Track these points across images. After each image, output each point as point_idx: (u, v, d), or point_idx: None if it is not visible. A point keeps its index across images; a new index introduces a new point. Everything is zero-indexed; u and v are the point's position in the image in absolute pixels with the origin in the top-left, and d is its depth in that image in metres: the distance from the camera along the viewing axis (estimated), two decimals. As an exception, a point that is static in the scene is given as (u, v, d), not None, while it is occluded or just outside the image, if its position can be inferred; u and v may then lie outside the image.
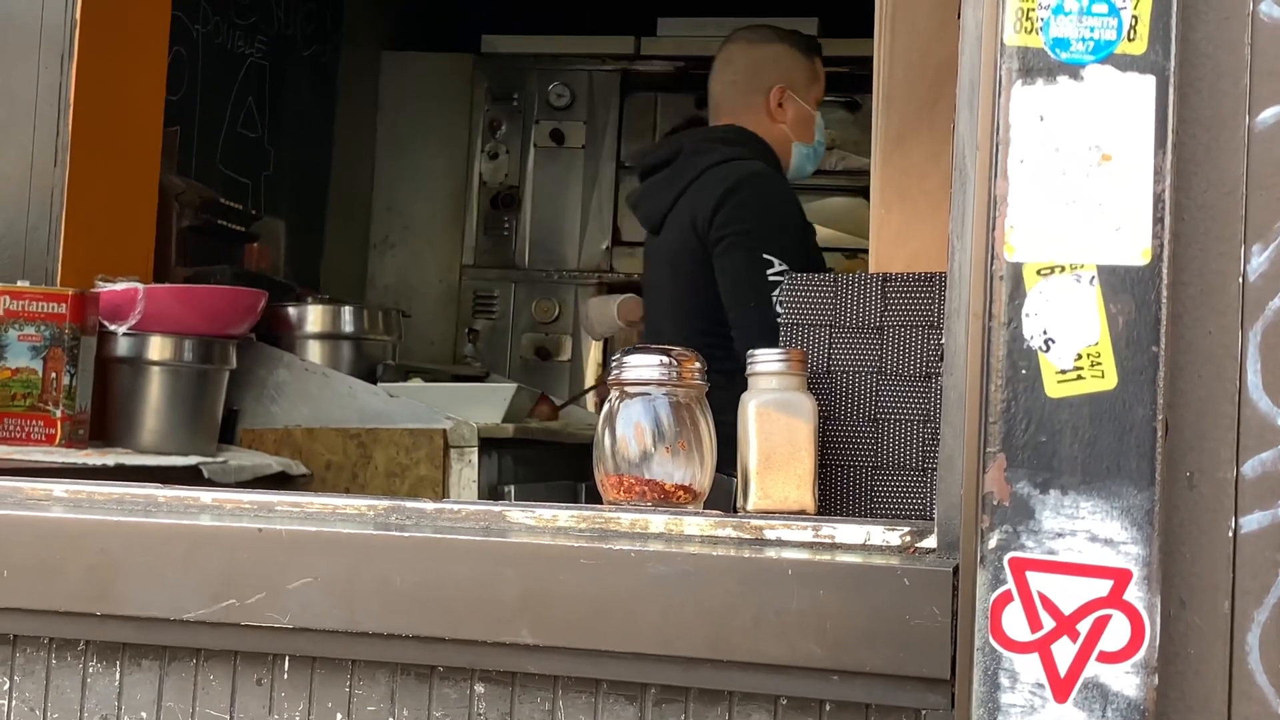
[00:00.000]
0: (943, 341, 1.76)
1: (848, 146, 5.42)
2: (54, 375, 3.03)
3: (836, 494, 1.89)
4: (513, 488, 3.72)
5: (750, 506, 1.81)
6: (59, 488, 1.73)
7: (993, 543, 1.32)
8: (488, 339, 5.46)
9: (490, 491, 3.60)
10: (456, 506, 1.69)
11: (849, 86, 5.32)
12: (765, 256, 3.05)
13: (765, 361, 1.83)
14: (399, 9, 5.80)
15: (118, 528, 1.60)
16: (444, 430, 3.47)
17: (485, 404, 3.78)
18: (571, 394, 4.99)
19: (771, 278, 3.01)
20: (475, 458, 3.51)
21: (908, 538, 1.56)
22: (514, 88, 5.58)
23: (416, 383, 3.87)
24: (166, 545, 1.58)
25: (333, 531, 1.57)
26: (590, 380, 5.33)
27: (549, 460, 3.96)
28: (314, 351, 3.79)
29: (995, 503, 1.32)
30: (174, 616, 1.56)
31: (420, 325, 5.22)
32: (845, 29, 5.27)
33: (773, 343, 2.95)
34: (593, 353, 5.41)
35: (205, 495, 1.72)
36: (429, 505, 1.70)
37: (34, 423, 3.03)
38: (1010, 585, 1.31)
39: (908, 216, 2.13)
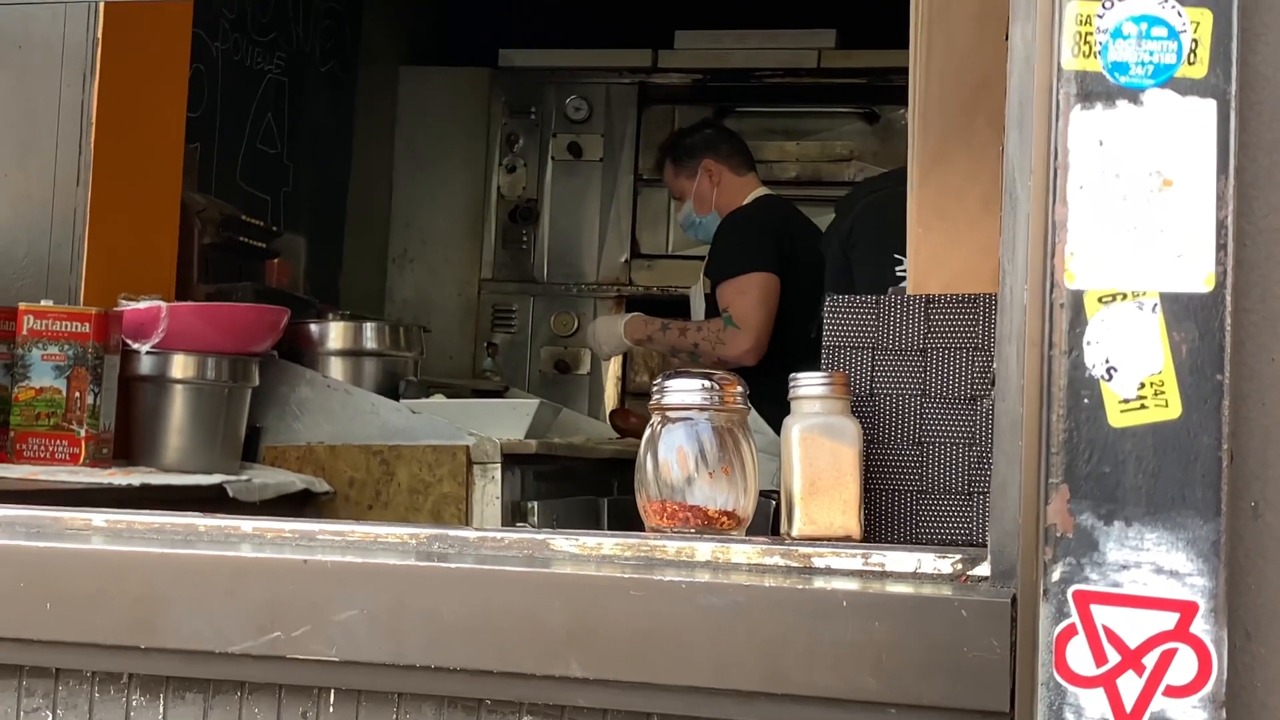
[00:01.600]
0: (992, 365, 1.74)
1: (866, 157, 5.41)
2: (78, 394, 3.02)
3: (881, 518, 1.86)
4: (536, 504, 3.70)
5: (795, 533, 1.79)
6: (98, 517, 1.71)
7: (1056, 575, 1.30)
8: (507, 353, 5.45)
9: (513, 508, 3.59)
10: (500, 535, 1.68)
11: (867, 97, 5.31)
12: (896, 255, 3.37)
13: (808, 385, 1.81)
14: (416, 24, 5.80)
15: (162, 559, 1.59)
16: (467, 447, 3.46)
17: (508, 420, 3.76)
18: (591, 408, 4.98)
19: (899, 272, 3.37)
20: (499, 474, 3.50)
21: (959, 565, 1.54)
22: (532, 101, 5.57)
23: (439, 399, 3.86)
24: (211, 577, 1.56)
25: (378, 563, 1.55)
26: (610, 392, 5.33)
27: (572, 476, 3.95)
28: (336, 368, 3.78)
29: (1059, 535, 1.30)
30: (219, 649, 1.54)
31: (439, 339, 5.21)
32: (863, 40, 5.26)
33: None
34: (612, 366, 5.40)
35: (245, 524, 1.70)
36: (471, 534, 1.68)
37: (58, 442, 3.02)
38: (1074, 618, 1.29)
39: (946, 236, 2.10)
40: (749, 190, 4.33)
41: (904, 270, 3.38)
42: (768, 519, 2.05)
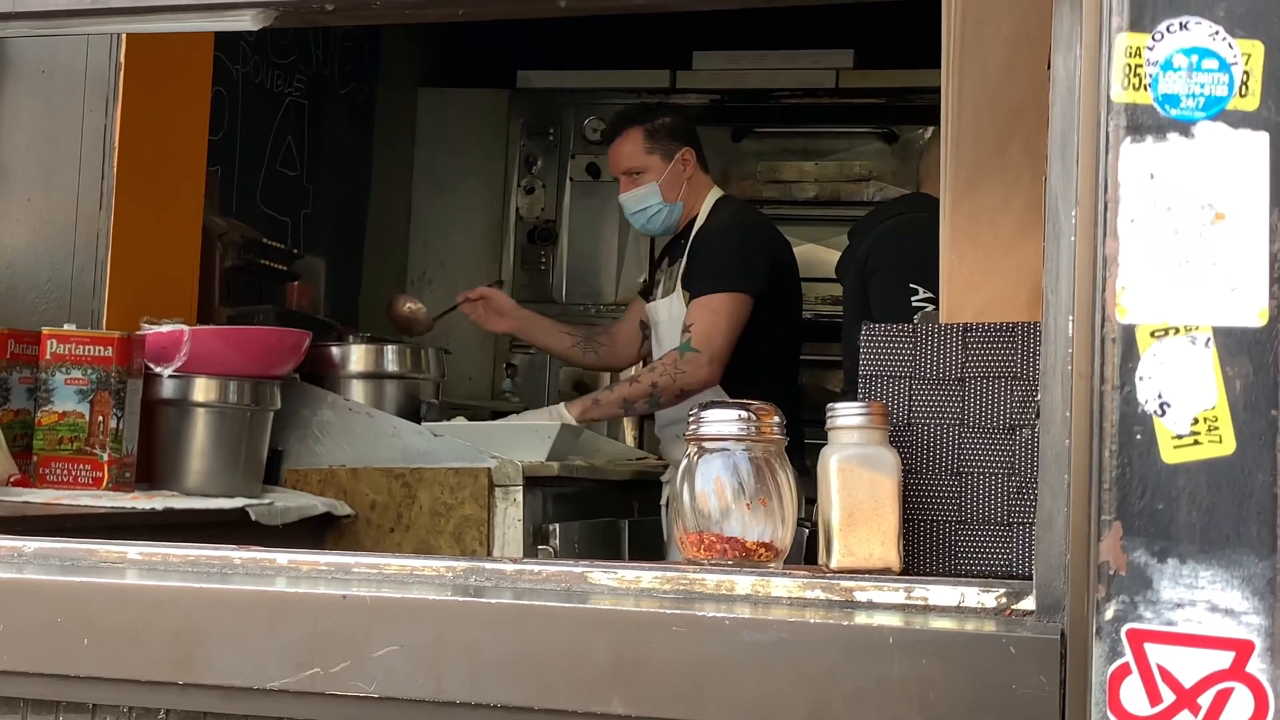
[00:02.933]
0: (1030, 395, 1.73)
1: (885, 177, 5.40)
2: (101, 418, 3.01)
3: (920, 549, 1.85)
4: (557, 526, 3.69)
5: (834, 564, 1.77)
6: (133, 550, 1.70)
7: (1109, 614, 1.29)
8: (526, 374, 5.44)
9: (535, 531, 3.57)
10: (536, 567, 1.66)
11: (885, 117, 5.30)
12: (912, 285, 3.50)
13: (846, 415, 1.80)
14: (435, 46, 5.81)
15: (199, 594, 1.58)
16: (489, 469, 3.45)
17: (529, 442, 3.75)
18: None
19: (915, 303, 3.43)
20: (520, 497, 3.48)
21: (1004, 599, 1.52)
22: (550, 122, 5.57)
23: (460, 421, 3.85)
24: (249, 611, 1.55)
25: (417, 598, 1.54)
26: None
27: (593, 498, 3.93)
28: (357, 391, 3.77)
29: (1112, 572, 1.29)
30: (257, 685, 1.53)
31: (458, 361, 5.20)
32: (881, 60, 5.25)
33: None
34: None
35: (281, 557, 1.69)
36: (508, 566, 1.67)
37: (81, 466, 3.01)
38: (1128, 657, 1.28)
39: (979, 262, 2.09)
40: (707, 190, 4.21)
41: (920, 300, 3.40)
42: (800, 547, 2.03)
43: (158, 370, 3.18)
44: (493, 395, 5.37)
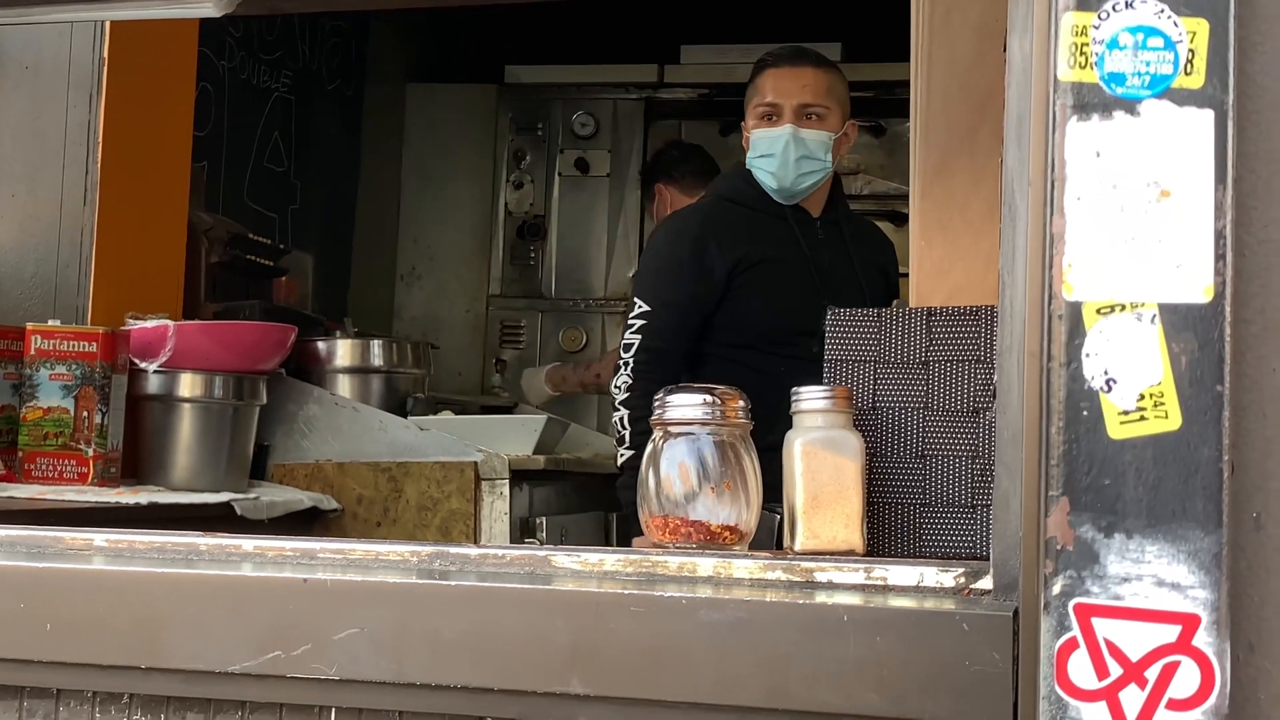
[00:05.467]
0: (993, 378, 1.74)
1: (873, 171, 5.40)
2: (85, 414, 3.02)
3: (884, 532, 1.86)
4: (544, 519, 3.70)
5: (798, 547, 1.78)
6: (99, 537, 1.71)
7: (1057, 588, 1.29)
8: (515, 369, 5.45)
9: (522, 524, 3.58)
10: (500, 551, 1.67)
11: (873, 111, 5.30)
12: (634, 299, 3.25)
13: (810, 399, 1.81)
14: (423, 42, 5.81)
15: (162, 579, 1.59)
16: (475, 463, 3.46)
17: (516, 436, 3.76)
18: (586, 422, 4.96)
19: (630, 319, 3.22)
20: (507, 490, 3.49)
21: (962, 579, 1.53)
22: (538, 117, 5.58)
23: (447, 415, 3.86)
24: (212, 597, 1.56)
25: (378, 581, 1.55)
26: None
27: (580, 491, 3.94)
28: (344, 386, 3.78)
29: (1059, 547, 1.30)
30: (219, 669, 1.54)
31: (447, 356, 5.21)
32: (869, 53, 5.25)
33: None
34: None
35: (247, 543, 1.70)
36: (473, 551, 1.68)
37: (66, 461, 3.02)
38: (1076, 632, 1.28)
39: (949, 248, 2.10)
40: None
41: (634, 315, 3.31)
42: (772, 533, 2.04)
43: (143, 366, 3.19)
44: (482, 390, 5.38)
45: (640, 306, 3.20)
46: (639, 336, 3.17)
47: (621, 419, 3.13)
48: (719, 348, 3.22)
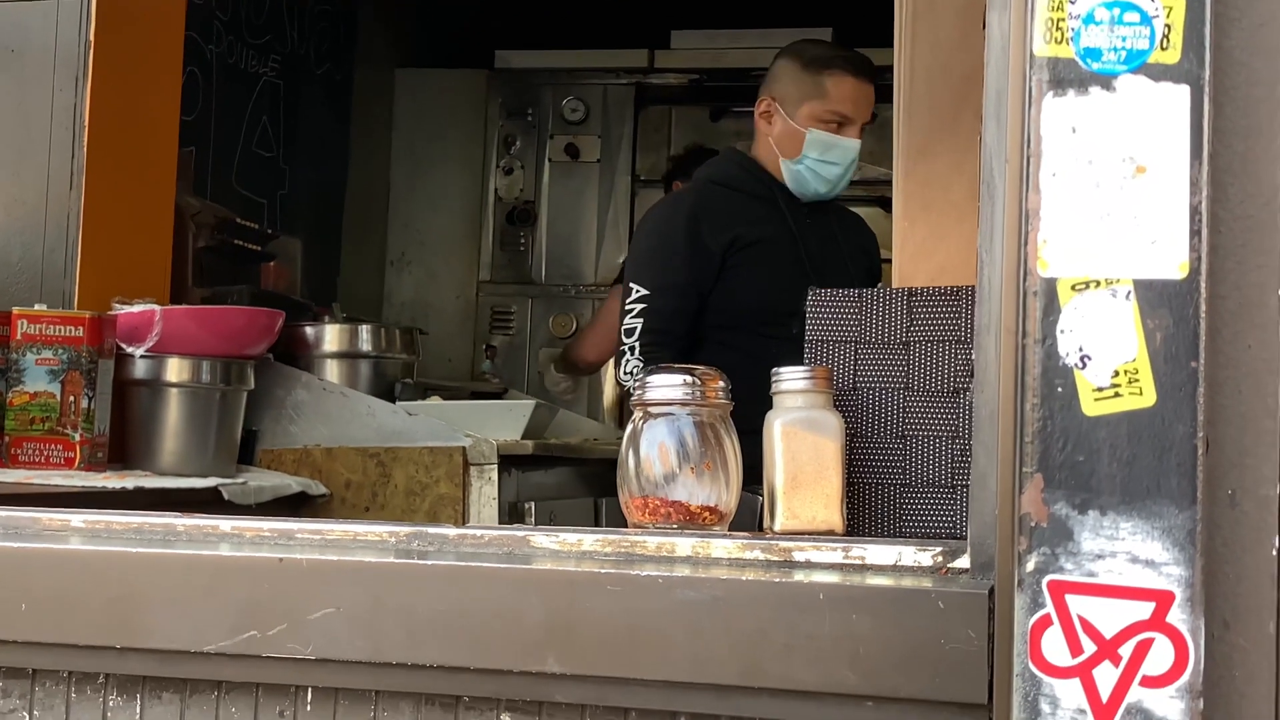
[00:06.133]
0: (972, 357, 1.73)
1: (863, 156, 5.38)
2: (72, 398, 3.02)
3: (864, 513, 1.86)
4: (533, 505, 3.70)
5: (778, 527, 1.78)
6: (76, 518, 1.71)
7: (1030, 565, 1.29)
8: (505, 355, 5.44)
9: (510, 509, 3.58)
10: (479, 532, 1.67)
11: (865, 96, 5.27)
12: (629, 284, 3.21)
13: (790, 379, 1.80)
14: (412, 26, 5.80)
15: (137, 559, 1.58)
16: (463, 448, 3.45)
17: (504, 421, 3.76)
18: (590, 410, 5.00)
19: (628, 304, 3.18)
20: (495, 475, 3.49)
21: (940, 558, 1.53)
22: (528, 103, 5.57)
23: (435, 401, 3.85)
24: (187, 576, 1.56)
25: (354, 560, 1.54)
26: (609, 393, 5.32)
27: (569, 477, 3.94)
28: (332, 371, 3.78)
29: (1033, 524, 1.29)
30: (195, 649, 1.53)
31: (438, 342, 5.20)
32: (859, 39, 5.23)
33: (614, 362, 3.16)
34: (609, 367, 5.39)
35: (224, 523, 1.69)
36: (451, 531, 1.67)
37: (53, 446, 3.02)
38: (1049, 609, 1.28)
39: (932, 229, 2.10)
40: None
41: (633, 300, 3.29)
42: (755, 515, 2.04)
43: (129, 350, 3.18)
44: (472, 376, 5.38)
45: (638, 291, 3.17)
46: (640, 321, 3.15)
47: None
48: (712, 330, 3.22)
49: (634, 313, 3.17)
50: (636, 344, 3.14)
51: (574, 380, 4.98)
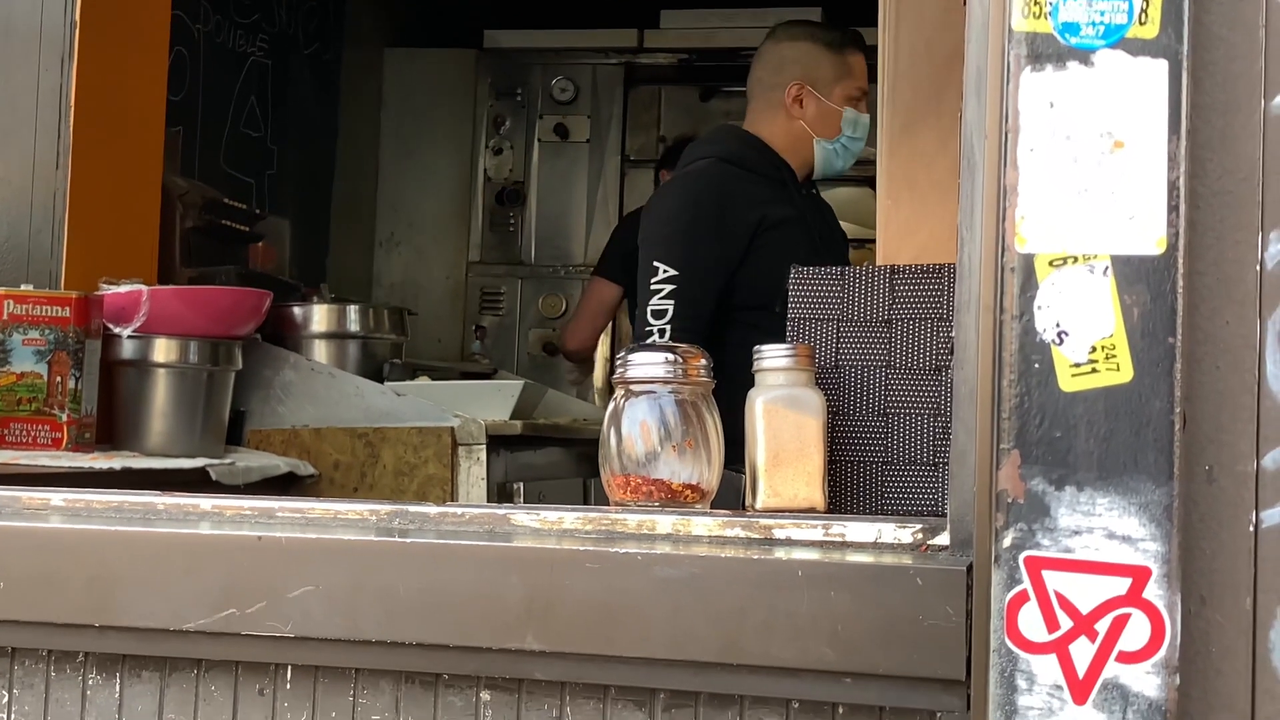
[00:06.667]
0: (953, 335, 1.73)
1: (854, 136, 5.38)
2: (59, 379, 3.01)
3: (846, 490, 1.85)
4: (522, 485, 3.69)
5: (759, 505, 1.78)
6: (57, 496, 1.70)
7: (1007, 541, 1.29)
8: (495, 335, 5.44)
9: (499, 489, 3.58)
10: (460, 510, 1.66)
11: (854, 75, 5.27)
12: (654, 263, 3.12)
13: (772, 357, 1.80)
14: (400, 6, 5.78)
15: (117, 537, 1.58)
16: (452, 428, 3.45)
17: (493, 401, 3.75)
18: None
19: (654, 284, 3.09)
20: (484, 455, 3.49)
21: (919, 535, 1.53)
22: (517, 83, 5.55)
23: (424, 381, 3.85)
24: (166, 555, 1.55)
25: (333, 539, 1.54)
26: (599, 373, 5.32)
27: (558, 457, 3.94)
28: (320, 351, 3.77)
29: (1009, 500, 1.29)
30: (174, 627, 1.53)
31: (427, 323, 5.20)
32: (850, 17, 5.22)
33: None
34: (600, 348, 5.38)
35: (205, 502, 1.69)
36: (432, 509, 1.67)
37: (40, 427, 3.01)
38: (1026, 584, 1.28)
39: (915, 207, 2.10)
40: None
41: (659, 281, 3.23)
42: (739, 493, 2.04)
43: (117, 331, 3.17)
44: (462, 357, 5.37)
45: (666, 271, 3.08)
46: (671, 302, 3.07)
47: None
48: (741, 312, 3.16)
49: (663, 294, 3.10)
50: (668, 327, 3.06)
51: (580, 372, 4.97)
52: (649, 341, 2.99)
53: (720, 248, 3.15)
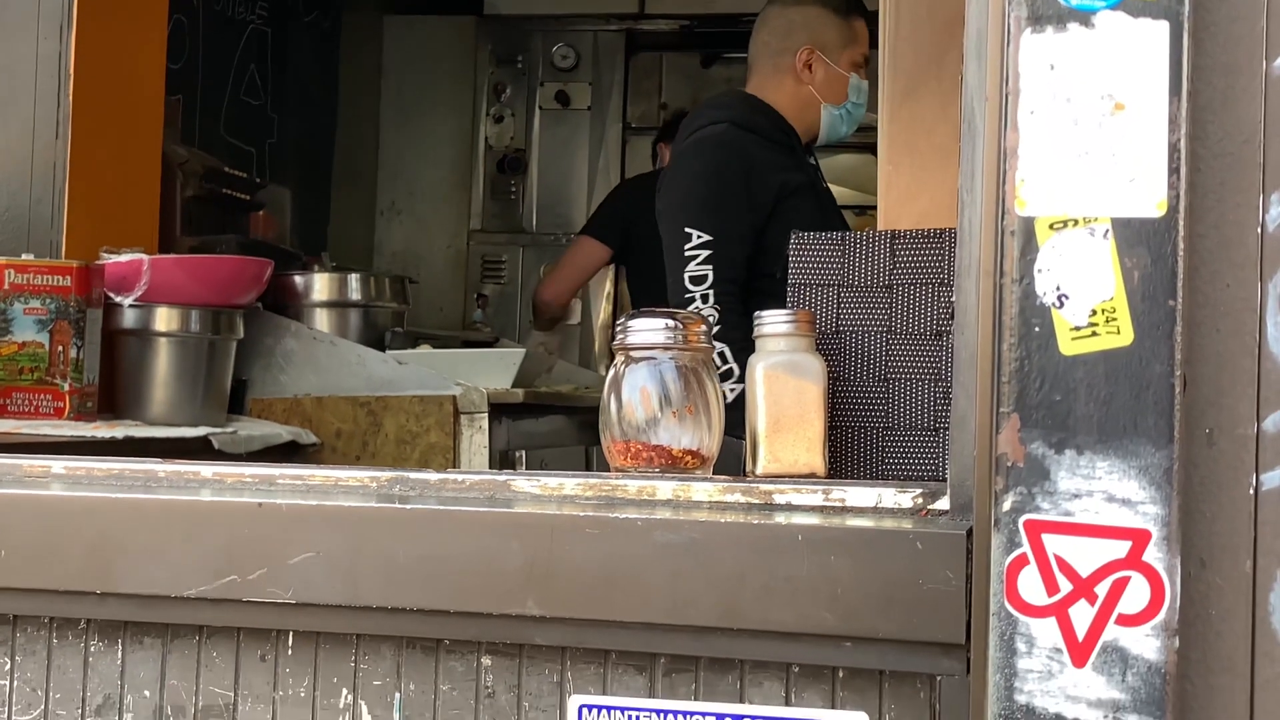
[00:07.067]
0: (953, 299, 1.73)
1: (857, 102, 5.36)
2: (61, 348, 3.01)
3: (847, 456, 1.85)
4: (524, 453, 3.70)
5: (760, 470, 1.78)
6: (57, 464, 1.70)
7: (1007, 505, 1.29)
8: (497, 303, 5.44)
9: (501, 457, 3.59)
10: (460, 477, 1.66)
11: (858, 42, 5.25)
12: (686, 230, 3.07)
13: (773, 323, 1.80)
14: (401, -28, 5.76)
15: (117, 504, 1.58)
16: (454, 397, 3.45)
17: (494, 369, 3.75)
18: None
19: (689, 251, 3.04)
20: (485, 423, 3.49)
21: (920, 500, 1.53)
22: (518, 50, 5.53)
23: (425, 349, 3.85)
24: (166, 521, 1.56)
25: (334, 505, 1.54)
26: (600, 341, 5.32)
27: (560, 424, 3.94)
28: (322, 320, 3.77)
29: (1009, 464, 1.29)
30: (175, 594, 1.53)
31: (429, 291, 5.20)
32: (853, -17, 5.19)
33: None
34: (601, 315, 5.38)
35: (206, 469, 1.69)
36: (433, 476, 1.67)
37: (42, 396, 3.01)
38: (1025, 548, 1.28)
39: (916, 172, 2.09)
40: None
41: (694, 247, 3.18)
42: (740, 460, 2.04)
43: (118, 300, 3.17)
44: (464, 325, 5.37)
45: (701, 236, 3.03)
46: (710, 267, 3.02)
47: (723, 353, 2.93)
48: (764, 280, 3.12)
49: (699, 259, 3.04)
50: (710, 292, 3.02)
51: (550, 336, 4.94)
52: (646, 309, 2.96)
53: (752, 213, 3.12)
